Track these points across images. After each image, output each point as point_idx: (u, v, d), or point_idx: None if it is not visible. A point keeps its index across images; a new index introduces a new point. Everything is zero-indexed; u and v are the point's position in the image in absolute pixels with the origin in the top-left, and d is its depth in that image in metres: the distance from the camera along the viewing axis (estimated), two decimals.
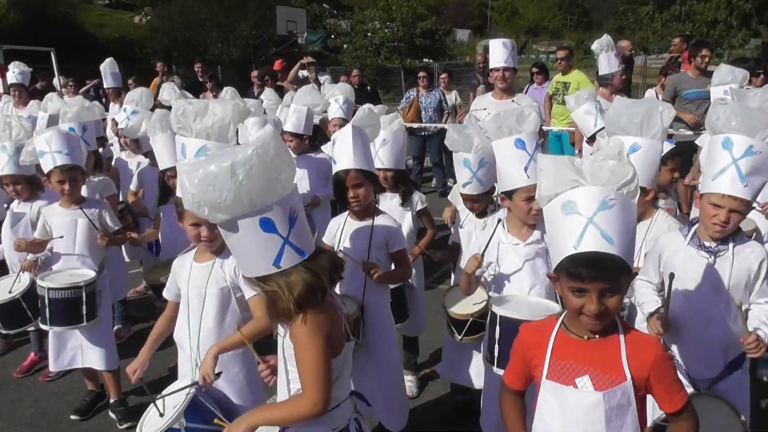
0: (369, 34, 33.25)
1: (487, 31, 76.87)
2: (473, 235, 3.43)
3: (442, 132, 9.27)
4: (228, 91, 5.49)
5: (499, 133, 2.73)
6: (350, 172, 2.94)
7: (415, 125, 9.05)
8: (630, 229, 1.75)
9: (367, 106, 3.19)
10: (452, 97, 9.79)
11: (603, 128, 4.64)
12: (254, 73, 11.24)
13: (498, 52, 4.99)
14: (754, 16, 21.79)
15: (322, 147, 5.48)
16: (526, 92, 9.03)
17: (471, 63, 37.01)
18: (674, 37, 9.46)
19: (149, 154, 4.98)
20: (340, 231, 3.16)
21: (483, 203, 3.44)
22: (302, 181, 4.99)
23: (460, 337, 3.12)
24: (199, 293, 2.62)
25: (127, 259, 5.24)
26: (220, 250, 2.66)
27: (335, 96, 5.42)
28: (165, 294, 2.85)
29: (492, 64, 5.03)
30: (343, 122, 5.44)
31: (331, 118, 5.43)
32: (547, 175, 1.78)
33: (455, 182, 3.70)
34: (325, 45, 37.44)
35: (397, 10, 32.15)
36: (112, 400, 3.89)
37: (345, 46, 36.08)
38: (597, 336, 1.82)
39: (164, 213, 4.14)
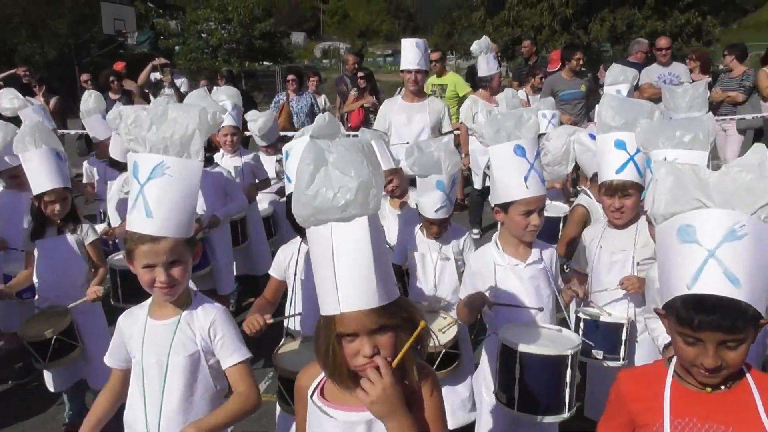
0: (204, 35, 31.63)
1: (321, 33, 77.35)
2: (427, 257, 3.13)
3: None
4: (195, 94, 4.67)
5: (496, 137, 2.41)
6: None
7: (290, 133, 8.50)
8: (763, 266, 1.40)
9: (327, 114, 2.71)
10: (322, 100, 9.38)
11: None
12: (84, 77, 10.03)
13: (410, 53, 4.72)
14: (573, 21, 23.83)
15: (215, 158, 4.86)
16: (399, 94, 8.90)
17: (311, 66, 36.92)
18: (524, 40, 9.91)
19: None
20: (294, 260, 2.67)
21: (446, 225, 3.15)
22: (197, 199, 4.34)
23: None
24: (159, 361, 1.98)
25: None
26: (185, 301, 2.04)
27: (221, 101, 4.79)
28: (107, 360, 2.14)
29: (404, 65, 4.75)
30: (235, 130, 4.84)
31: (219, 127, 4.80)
32: (664, 188, 1.45)
33: None
34: (155, 46, 35.05)
35: (233, 11, 30.91)
36: None
37: (177, 47, 34.06)
38: (722, 387, 1.51)
39: (41, 249, 3.30)
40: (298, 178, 1.38)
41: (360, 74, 8.60)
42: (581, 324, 2.68)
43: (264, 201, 5.44)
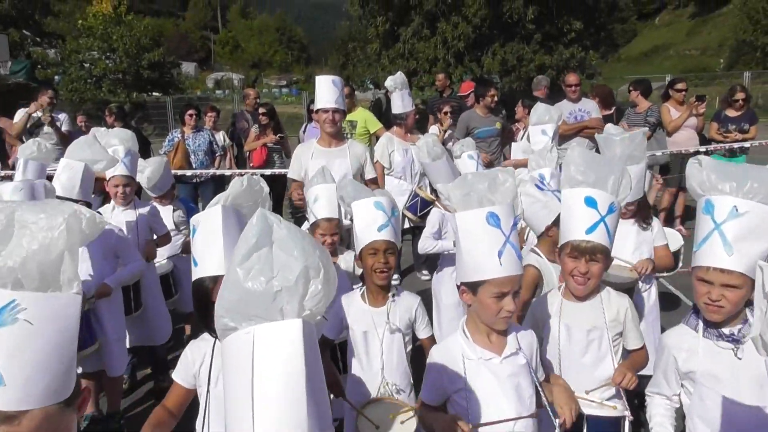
0: (87, 64, 29.71)
1: (212, 64, 75.62)
2: (371, 333, 2.69)
3: (217, 178, 8.15)
4: (81, 142, 3.81)
5: (465, 202, 1.99)
6: (219, 280, 1.93)
7: (188, 172, 7.78)
8: None
9: (245, 178, 2.17)
10: (221, 137, 8.70)
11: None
12: None
13: (327, 91, 4.26)
14: (466, 54, 24.46)
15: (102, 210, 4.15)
16: (304, 131, 8.42)
17: (204, 97, 35.63)
18: (437, 72, 9.74)
19: None
20: (207, 364, 2.09)
21: (395, 259, 2.74)
22: (83, 263, 3.61)
23: None
24: None
25: None
26: None
27: (112, 146, 4.10)
28: None
29: (320, 104, 4.26)
30: (128, 181, 4.16)
31: (110, 177, 4.10)
32: None
33: None
34: (32, 76, 32.57)
35: (118, 41, 29.28)
36: None
37: (57, 77, 31.81)
38: None
39: None
40: (234, 254, 1.12)
41: (261, 110, 8.04)
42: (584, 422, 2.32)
43: (161, 255, 4.76)
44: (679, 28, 61.26)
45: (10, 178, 5.44)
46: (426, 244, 4.28)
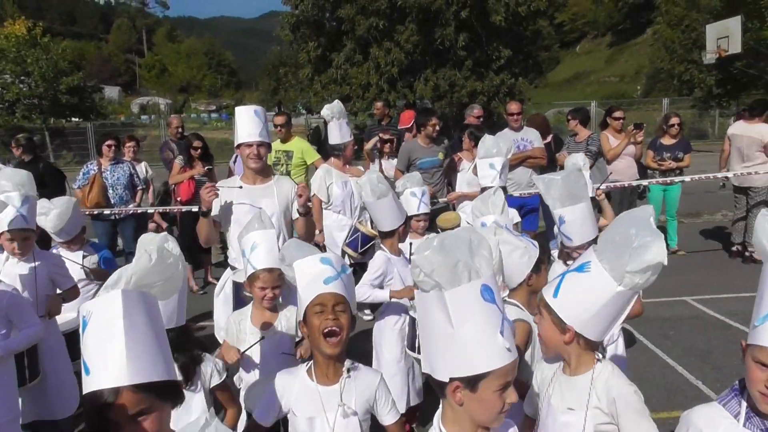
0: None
1: (137, 88, 73.40)
2: (318, 420, 2.23)
3: (138, 215, 7.48)
4: None
5: (454, 276, 1.55)
6: (122, 393, 1.45)
7: (106, 210, 7.08)
8: None
9: (169, 247, 1.68)
10: (142, 168, 8.05)
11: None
12: None
13: (248, 123, 3.77)
14: (399, 80, 24.47)
15: None
16: (234, 162, 7.89)
17: (128, 123, 34.24)
18: (370, 98, 9.42)
19: None
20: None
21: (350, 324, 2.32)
22: None
23: None
24: None
25: None
26: None
27: (3, 192, 3.45)
28: None
29: (242, 138, 3.76)
30: (27, 234, 3.53)
31: (1, 230, 3.44)
32: None
33: None
34: None
35: (33, 64, 27.75)
36: None
37: None
38: None
39: None
40: None
41: (196, 143, 7.35)
42: None
43: (71, 309, 4.12)
44: (599, 56, 64.12)
45: None
46: (360, 291, 3.84)
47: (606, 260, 1.86)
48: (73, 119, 31.03)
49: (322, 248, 6.44)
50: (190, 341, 2.51)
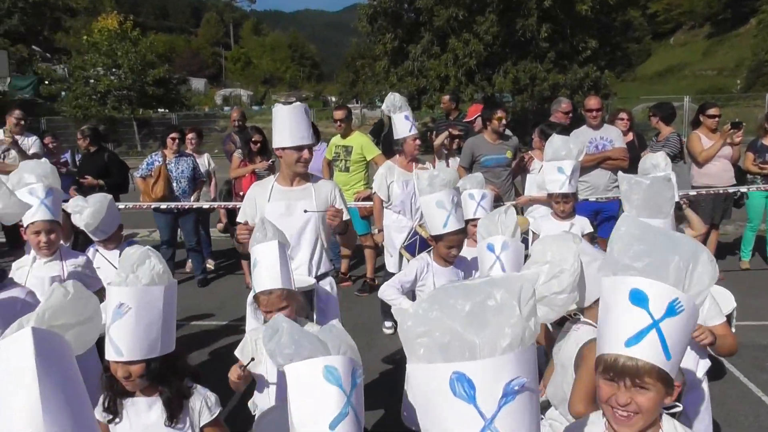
0: (92, 81, 29.36)
1: (223, 80, 75.69)
2: None
3: (200, 209, 7.40)
4: None
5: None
6: None
7: (172, 204, 7.03)
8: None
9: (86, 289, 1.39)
10: (204, 161, 7.97)
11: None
12: None
13: (293, 123, 3.41)
14: (477, 72, 23.80)
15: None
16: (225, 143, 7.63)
17: (211, 114, 35.17)
18: (444, 95, 8.91)
19: None
20: None
21: None
22: None
23: None
24: None
25: None
26: None
27: (26, 184, 3.30)
28: None
29: (287, 142, 3.41)
30: (52, 227, 3.38)
31: (26, 223, 3.31)
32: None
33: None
34: (37, 92, 32.34)
35: (123, 56, 28.92)
36: None
37: (63, 93, 31.53)
38: None
39: None
40: None
41: (256, 137, 7.16)
42: None
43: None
44: (695, 48, 60.46)
45: None
46: (388, 292, 3.47)
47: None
48: (159, 110, 32.16)
49: (381, 248, 6.12)
50: (177, 371, 2.21)
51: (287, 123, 3.45)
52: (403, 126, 5.53)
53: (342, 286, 7.13)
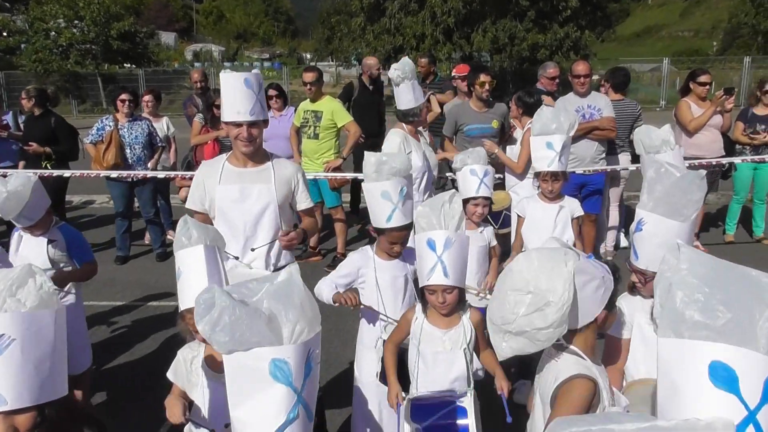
0: (52, 33, 27.91)
1: (194, 34, 73.23)
2: None
3: (158, 178, 6.85)
4: None
5: None
6: None
7: (124, 173, 6.48)
8: None
9: None
10: (163, 125, 7.35)
11: None
12: None
13: (236, 95, 2.82)
14: (456, 30, 23.08)
15: None
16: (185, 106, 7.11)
17: (181, 70, 33.81)
18: (421, 57, 8.35)
19: None
20: None
21: None
22: None
23: None
24: None
25: None
26: None
27: None
28: None
29: (228, 116, 2.88)
30: None
31: None
32: None
33: None
34: None
35: (85, 8, 27.45)
36: None
37: (22, 46, 30.00)
38: None
39: None
40: None
41: (218, 101, 6.54)
42: None
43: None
44: (673, 8, 60.03)
45: None
46: (322, 287, 3.02)
47: None
48: (125, 65, 30.83)
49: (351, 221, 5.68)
50: (76, 418, 1.76)
51: (229, 94, 2.93)
52: (417, 93, 4.72)
53: (311, 260, 6.72)
